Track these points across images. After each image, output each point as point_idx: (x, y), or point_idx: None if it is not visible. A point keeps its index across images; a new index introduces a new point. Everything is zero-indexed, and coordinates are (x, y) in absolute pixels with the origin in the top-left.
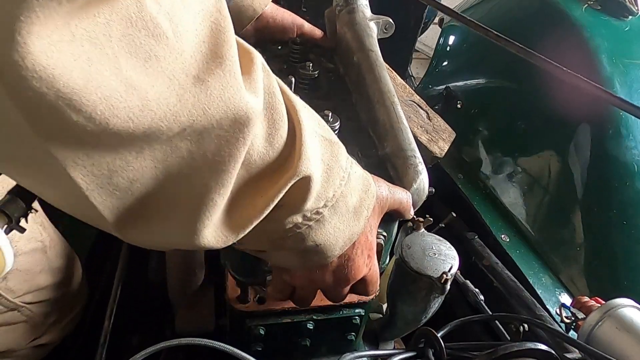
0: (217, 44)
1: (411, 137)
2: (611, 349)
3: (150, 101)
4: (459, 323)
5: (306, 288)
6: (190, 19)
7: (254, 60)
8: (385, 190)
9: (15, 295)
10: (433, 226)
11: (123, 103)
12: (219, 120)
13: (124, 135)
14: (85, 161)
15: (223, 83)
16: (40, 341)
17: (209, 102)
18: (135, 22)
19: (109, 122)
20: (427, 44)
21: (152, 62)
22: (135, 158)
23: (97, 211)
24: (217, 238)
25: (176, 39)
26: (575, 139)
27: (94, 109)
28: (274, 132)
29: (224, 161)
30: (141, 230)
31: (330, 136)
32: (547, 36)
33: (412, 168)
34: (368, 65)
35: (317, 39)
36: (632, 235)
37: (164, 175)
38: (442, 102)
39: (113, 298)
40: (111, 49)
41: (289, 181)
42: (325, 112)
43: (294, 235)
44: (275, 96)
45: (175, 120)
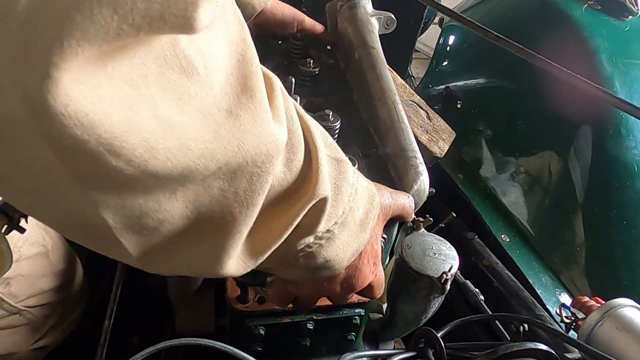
0: (245, 75)
1: (412, 137)
2: (611, 349)
3: (188, 140)
4: (459, 323)
5: (311, 297)
6: (218, 51)
7: (274, 86)
8: (388, 198)
9: (17, 300)
10: (433, 226)
11: (161, 144)
12: (253, 156)
13: (161, 176)
14: (117, 203)
15: (255, 116)
16: (40, 343)
17: (243, 137)
18: (170, 60)
19: (147, 164)
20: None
21: (185, 100)
22: (167, 199)
23: (122, 247)
24: (238, 266)
25: (207, 74)
26: (576, 139)
27: (133, 152)
28: (293, 156)
29: (254, 195)
30: (165, 262)
31: (338, 154)
32: (547, 36)
33: (413, 169)
34: (369, 62)
35: (318, 34)
36: (632, 235)
37: (193, 214)
38: (442, 102)
39: (113, 298)
40: (147, 90)
41: (306, 204)
42: (326, 111)
43: (305, 254)
44: (293, 120)
45: (212, 157)
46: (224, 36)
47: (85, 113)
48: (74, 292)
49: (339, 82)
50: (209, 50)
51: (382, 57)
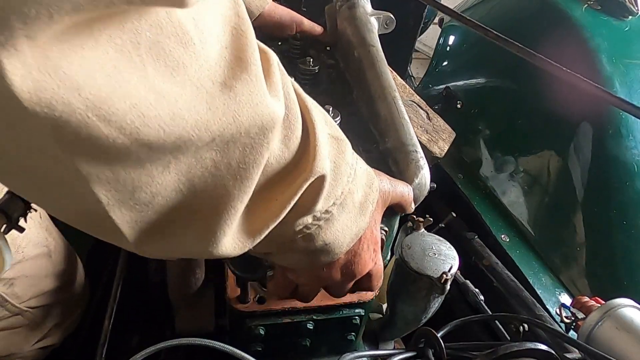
0: (239, 48)
1: (412, 132)
2: (611, 349)
3: (181, 110)
4: (459, 323)
5: (311, 285)
6: (213, 24)
7: (271, 61)
8: (387, 184)
9: (20, 300)
10: (433, 226)
11: (153, 111)
12: (247, 128)
13: (154, 146)
14: (110, 177)
15: (250, 88)
16: (41, 344)
17: (238, 108)
18: (166, 28)
19: (140, 131)
20: (427, 44)
21: (179, 71)
22: (161, 173)
23: (115, 225)
24: (234, 245)
25: (202, 46)
26: (575, 139)
27: (123, 119)
28: (290, 133)
29: (248, 168)
30: (159, 243)
31: (337, 133)
32: (547, 36)
33: (414, 163)
34: (369, 60)
35: (317, 35)
36: (632, 235)
37: (186, 187)
38: (442, 102)
39: (113, 298)
40: (139, 57)
41: (304, 182)
42: (326, 107)
43: (304, 236)
44: (290, 96)
45: (206, 128)
46: (218, 10)
47: (64, 72)
48: (74, 293)
49: (338, 81)
50: (204, 23)
51: (381, 55)
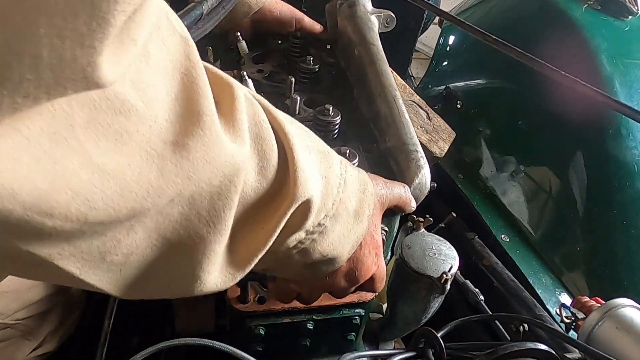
0: (191, 98)
1: (413, 131)
2: (611, 349)
3: (130, 183)
4: (459, 323)
5: (314, 292)
6: (158, 78)
7: (235, 94)
8: (383, 188)
9: (4, 316)
10: (433, 226)
11: (99, 194)
12: (207, 181)
13: (106, 222)
14: (72, 251)
15: (204, 143)
16: (38, 352)
17: (192, 167)
18: (100, 104)
19: (87, 216)
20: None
21: (124, 139)
22: (126, 236)
23: (96, 287)
24: (223, 279)
25: (147, 107)
26: (575, 139)
27: (67, 209)
28: (265, 163)
29: (219, 213)
30: (145, 291)
31: (323, 147)
32: (547, 36)
33: (414, 162)
34: (369, 59)
35: (317, 33)
36: (632, 235)
37: (159, 242)
38: (442, 102)
39: (113, 298)
40: (75, 140)
41: (289, 208)
42: (326, 106)
43: (299, 251)
44: (262, 126)
45: (160, 195)
46: (163, 60)
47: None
48: (69, 297)
49: (339, 80)
50: (146, 81)
51: (382, 53)
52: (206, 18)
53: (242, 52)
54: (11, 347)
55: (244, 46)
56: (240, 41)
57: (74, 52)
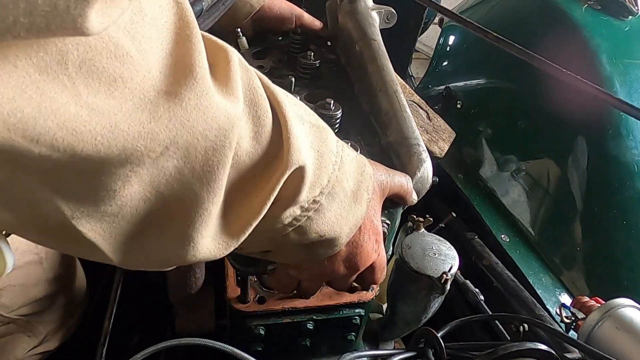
0: (184, 53)
1: (414, 126)
2: (611, 349)
3: (120, 122)
4: (459, 323)
5: (314, 280)
6: (153, 32)
7: (230, 58)
8: (384, 174)
9: (9, 310)
10: (433, 226)
11: (87, 127)
12: (202, 132)
13: (97, 160)
14: (66, 189)
15: (197, 92)
16: (39, 349)
17: (186, 114)
18: (94, 44)
19: (74, 147)
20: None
21: (118, 85)
22: (122, 187)
23: (87, 239)
24: (217, 246)
25: (141, 57)
26: (575, 139)
27: (53, 137)
28: (260, 129)
29: (213, 170)
30: (137, 253)
31: (317, 121)
32: (547, 36)
33: (416, 156)
34: (370, 54)
35: (317, 29)
36: (632, 235)
37: (153, 195)
38: (442, 102)
39: (113, 298)
40: (67, 76)
41: (282, 175)
42: (327, 100)
43: (295, 229)
44: (256, 91)
45: (152, 138)
46: (157, 17)
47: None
48: (71, 297)
49: (339, 76)
50: (141, 33)
51: (383, 49)
52: (206, 14)
53: (242, 49)
54: (12, 342)
55: (244, 42)
56: (241, 37)
57: (67, 2)
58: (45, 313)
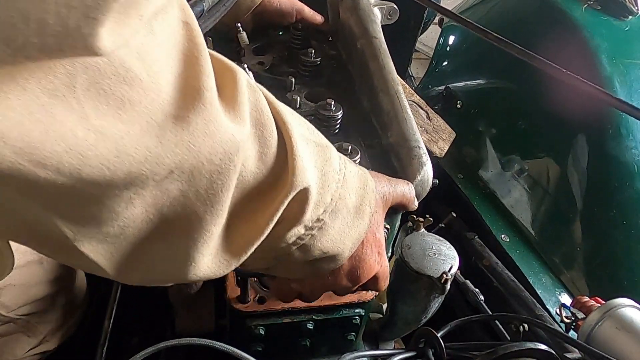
0: (192, 76)
1: (415, 127)
2: (611, 349)
3: (127, 147)
4: (459, 323)
5: (315, 292)
6: (163, 55)
7: (237, 79)
8: (387, 185)
9: (9, 309)
10: (433, 226)
11: (94, 151)
12: (207, 156)
13: (103, 184)
14: (69, 213)
15: (205, 116)
16: (38, 350)
17: (193, 139)
18: (104, 69)
19: (80, 171)
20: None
21: (126, 108)
22: (125, 209)
23: (90, 259)
24: (218, 265)
25: (151, 80)
26: (575, 139)
27: (59, 161)
28: (265, 149)
29: (217, 193)
30: (138, 271)
31: (321, 140)
32: (547, 36)
33: (417, 159)
34: (371, 52)
35: (318, 24)
36: (632, 235)
37: (156, 217)
38: (442, 102)
39: (113, 298)
40: (75, 99)
41: (286, 197)
42: (328, 100)
43: (299, 247)
44: (263, 112)
45: (158, 162)
46: (167, 39)
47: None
48: (72, 297)
49: (340, 73)
50: (151, 55)
51: (384, 47)
52: (207, 15)
53: (242, 44)
54: (11, 342)
55: (245, 37)
56: (241, 32)
57: (78, 22)
58: (45, 313)
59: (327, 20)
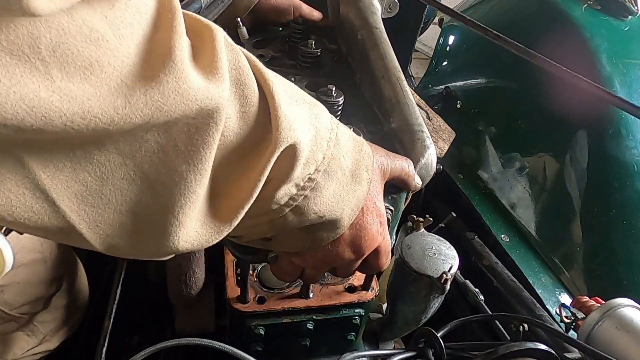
0: (164, 38)
1: (418, 112)
2: (611, 349)
3: (93, 108)
4: (459, 323)
5: (318, 267)
6: (135, 18)
7: (214, 37)
8: (384, 157)
9: (12, 307)
10: (433, 226)
11: (58, 112)
12: (181, 113)
13: (68, 137)
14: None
15: (176, 75)
16: (38, 349)
17: (163, 98)
18: (67, 28)
19: (43, 130)
20: (427, 44)
21: (94, 69)
22: (98, 150)
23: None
24: (209, 231)
25: (119, 41)
26: (575, 139)
27: (21, 121)
28: (247, 108)
29: (198, 150)
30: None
31: (309, 99)
32: (547, 36)
33: (420, 142)
34: (372, 41)
35: (317, 20)
36: (632, 235)
37: (138, 176)
38: (442, 102)
39: (113, 298)
40: (40, 60)
41: (272, 155)
42: (329, 86)
43: (292, 209)
44: (242, 70)
45: (126, 121)
46: (140, 2)
47: None
48: (73, 298)
49: (340, 65)
50: (121, 18)
51: (385, 36)
52: (205, 12)
53: (242, 39)
54: (11, 341)
55: (244, 32)
56: (241, 27)
57: None
58: (46, 313)
59: (326, 16)
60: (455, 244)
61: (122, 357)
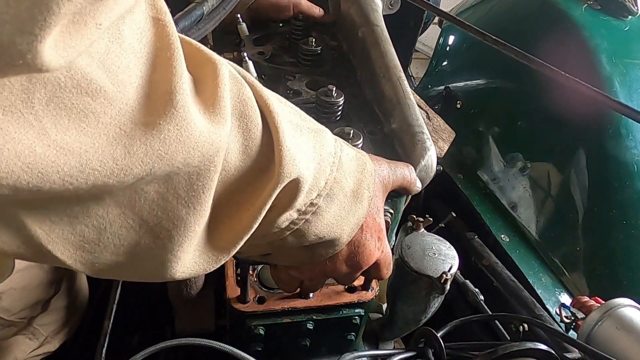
0: (163, 79)
1: (418, 113)
2: (611, 349)
3: (91, 160)
4: (459, 323)
5: (315, 280)
6: (131, 60)
7: (218, 70)
8: (386, 169)
9: (10, 313)
10: (433, 226)
11: (55, 168)
12: (183, 161)
13: (66, 196)
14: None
15: (177, 122)
16: (39, 351)
17: (164, 147)
18: (64, 83)
19: (41, 188)
20: (427, 44)
21: (90, 120)
22: (97, 204)
23: (67, 265)
24: (207, 261)
25: (117, 89)
26: (575, 139)
27: (16, 179)
28: (250, 142)
29: (199, 194)
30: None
31: (314, 125)
32: (547, 36)
33: (420, 144)
34: (373, 39)
35: (317, 16)
36: (632, 235)
37: (136, 223)
38: (442, 102)
39: (113, 298)
40: (34, 115)
41: (274, 189)
42: (329, 86)
43: (293, 232)
44: (246, 103)
45: (127, 173)
46: (136, 41)
47: None
48: (73, 299)
49: (341, 63)
50: (117, 63)
51: (386, 34)
52: (207, 18)
53: (242, 35)
54: (12, 345)
55: (245, 29)
56: (241, 24)
57: (12, 37)
58: (46, 315)
59: (327, 12)
60: (455, 244)
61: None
